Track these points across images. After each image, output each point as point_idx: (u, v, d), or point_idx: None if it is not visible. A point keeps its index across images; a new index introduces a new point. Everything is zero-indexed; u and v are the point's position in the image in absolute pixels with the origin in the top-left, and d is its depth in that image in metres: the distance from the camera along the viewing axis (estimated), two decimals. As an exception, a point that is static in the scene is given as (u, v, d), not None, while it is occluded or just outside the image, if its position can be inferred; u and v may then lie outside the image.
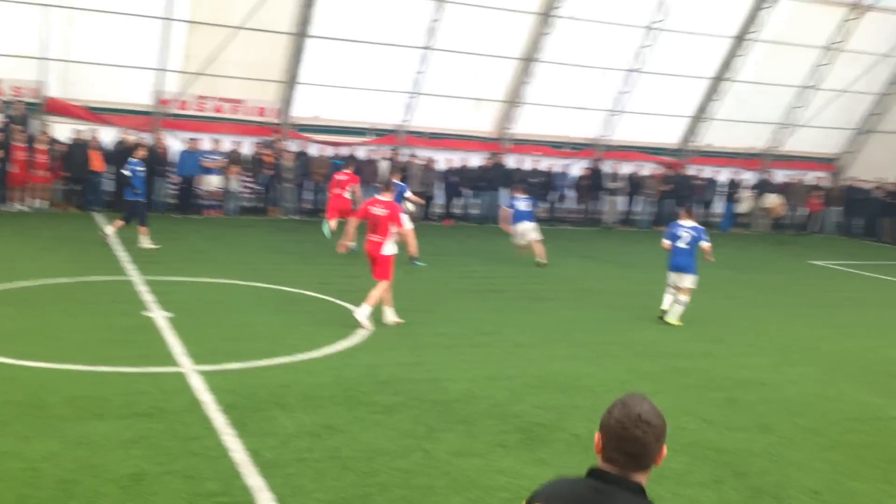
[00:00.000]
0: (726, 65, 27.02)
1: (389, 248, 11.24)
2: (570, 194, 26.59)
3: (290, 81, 23.49)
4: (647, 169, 27.12)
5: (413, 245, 12.78)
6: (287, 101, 23.81)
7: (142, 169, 16.25)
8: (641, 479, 2.80)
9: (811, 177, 29.31)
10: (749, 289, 16.46)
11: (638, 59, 25.99)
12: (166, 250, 16.16)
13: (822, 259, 21.92)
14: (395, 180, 18.97)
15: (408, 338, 10.68)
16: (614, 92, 26.58)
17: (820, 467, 7.18)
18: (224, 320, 10.97)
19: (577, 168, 26.87)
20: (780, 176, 28.83)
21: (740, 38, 26.48)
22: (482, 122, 26.36)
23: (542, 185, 25.74)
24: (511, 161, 26.25)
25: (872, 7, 26.61)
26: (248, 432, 7.09)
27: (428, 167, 24.32)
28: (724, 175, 28.02)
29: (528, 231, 17.66)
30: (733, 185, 27.55)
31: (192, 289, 12.96)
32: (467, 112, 25.83)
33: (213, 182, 22.33)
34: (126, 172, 16.27)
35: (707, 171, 27.78)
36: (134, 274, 13.53)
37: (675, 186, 26.62)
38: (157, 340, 9.77)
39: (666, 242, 13.02)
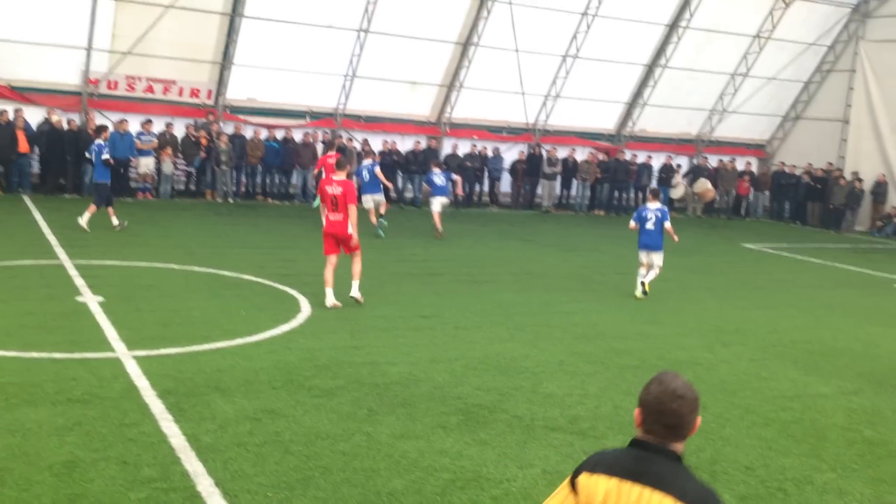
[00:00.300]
0: (660, 51, 27.44)
1: (351, 226, 11.52)
2: (507, 178, 26.74)
3: (224, 62, 23.05)
4: (582, 154, 27.41)
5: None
6: (221, 82, 23.37)
7: (101, 148, 16.16)
8: (679, 447, 3.08)
9: (742, 162, 30.03)
10: (683, 272, 16.79)
11: (574, 45, 26.21)
12: (98, 234, 15.74)
13: (753, 242, 22.51)
14: (369, 161, 19.35)
15: (347, 321, 10.62)
16: (551, 77, 26.77)
17: (752, 444, 7.37)
18: (159, 305, 10.74)
19: (513, 153, 27.01)
20: (712, 161, 29.46)
21: (673, 26, 26.91)
22: (420, 106, 26.29)
23: (477, 170, 25.85)
24: (448, 145, 26.27)
25: (801, -4, 27.31)
26: (185, 417, 6.97)
27: (363, 150, 24.15)
28: (658, 160, 28.50)
29: (437, 203, 19.08)
30: (667, 170, 28.04)
31: (126, 273, 12.65)
32: (404, 95, 25.74)
33: (145, 165, 21.80)
34: (89, 155, 16.61)
35: (642, 157, 28.21)
36: (64, 258, 13.15)
37: (611, 171, 26.98)
38: (91, 326, 9.53)
39: (632, 224, 13.98)
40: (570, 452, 6.83)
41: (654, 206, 13.87)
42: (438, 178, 19.27)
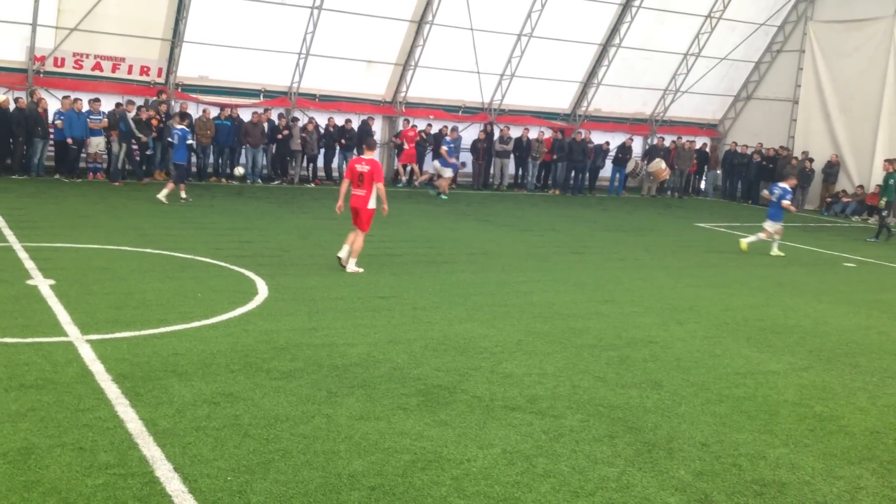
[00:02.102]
0: (614, 31, 27.58)
1: (373, 202, 12.46)
2: (464, 158, 26.75)
3: (175, 40, 22.61)
4: (536, 133, 27.49)
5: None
6: (172, 60, 22.94)
7: (184, 133, 17.90)
8: None
9: (695, 141, 30.40)
10: (639, 250, 17.00)
11: (529, 24, 26.21)
12: (47, 215, 15.42)
13: (707, 221, 22.84)
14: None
15: (305, 303, 10.55)
16: (506, 56, 26.77)
17: (707, 420, 7.51)
18: (112, 288, 10.56)
19: (472, 132, 27.00)
20: (666, 141, 29.78)
21: (626, 5, 27.05)
22: (375, 85, 26.12)
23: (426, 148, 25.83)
24: (400, 124, 26.19)
25: (751, -23, 27.63)
26: (142, 402, 6.87)
27: (308, 128, 23.96)
28: (614, 140, 28.72)
29: (448, 172, 22.93)
30: (623, 150, 28.27)
31: (77, 255, 12.40)
32: (360, 74, 25.54)
33: (96, 144, 21.34)
34: (171, 139, 18.47)
35: (599, 137, 28.40)
36: (13, 240, 12.85)
37: (567, 150, 27.11)
38: (42, 309, 9.33)
39: (765, 193, 18.01)
40: (530, 432, 6.89)
41: (781, 185, 17.52)
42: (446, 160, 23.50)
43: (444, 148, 24.45)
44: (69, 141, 20.65)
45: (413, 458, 6.23)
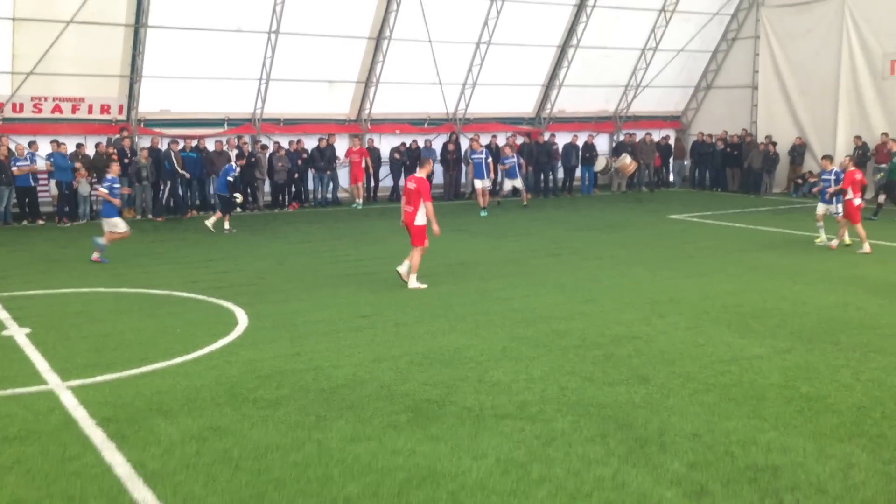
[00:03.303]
0: (571, 32, 27.77)
1: (421, 218, 12.89)
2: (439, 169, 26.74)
3: (133, 76, 22.47)
4: (504, 139, 27.58)
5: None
6: (132, 96, 22.79)
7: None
8: None
9: (660, 134, 30.65)
10: (614, 247, 17.08)
11: (486, 32, 26.33)
12: (18, 263, 15.25)
13: (678, 213, 23.01)
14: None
15: (286, 329, 10.49)
16: (467, 65, 26.86)
17: (696, 411, 7.54)
18: (90, 331, 10.44)
19: (441, 143, 27.04)
20: (628, 136, 30.01)
21: (581, 6, 27.25)
22: (339, 105, 26.11)
23: (403, 163, 25.81)
24: (375, 141, 26.19)
25: (701, -31, 27.96)
26: (129, 444, 6.79)
27: (276, 152, 23.89)
28: (581, 139, 28.86)
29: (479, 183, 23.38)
30: (589, 149, 28.43)
31: (52, 301, 12.26)
32: (322, 95, 25.52)
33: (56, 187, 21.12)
34: (230, 178, 19.38)
35: (566, 137, 28.55)
36: (-17, 292, 12.68)
37: (533, 154, 27.22)
38: (19, 359, 9.20)
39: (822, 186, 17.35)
40: (522, 438, 6.89)
41: (829, 169, 17.17)
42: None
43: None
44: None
45: (407, 475, 6.20)
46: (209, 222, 19.42)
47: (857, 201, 16.51)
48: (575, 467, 6.33)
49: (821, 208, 17.23)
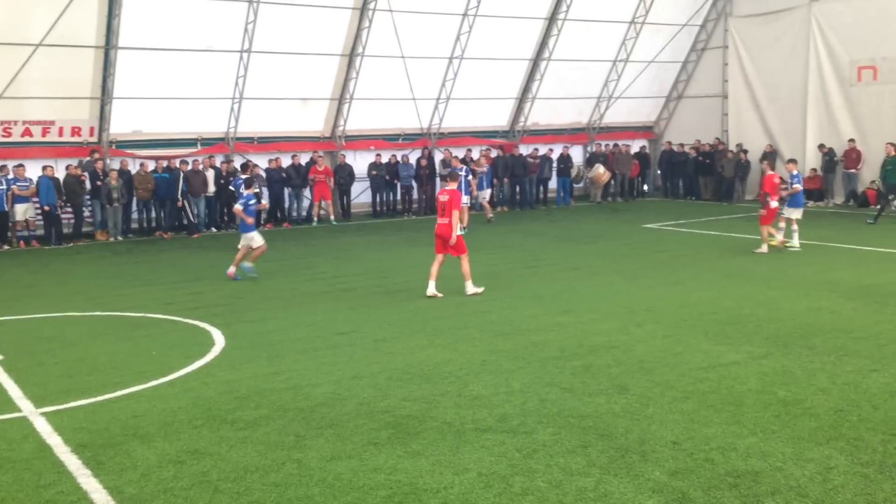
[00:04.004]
0: (543, 45, 27.96)
1: (458, 228, 13.45)
2: (415, 184, 26.75)
3: (104, 97, 22.32)
4: (478, 152, 27.64)
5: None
6: (103, 117, 22.62)
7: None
8: None
9: (630, 145, 30.87)
10: (590, 258, 17.14)
11: (459, 47, 26.44)
12: (-12, 289, 15.05)
13: (653, 222, 23.15)
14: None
15: (263, 348, 10.41)
16: (440, 80, 26.94)
17: (676, 419, 7.56)
18: (63, 356, 10.30)
19: (415, 158, 27.07)
20: (606, 147, 30.21)
21: (552, 19, 27.47)
22: (312, 122, 26.08)
23: (382, 178, 25.80)
24: (349, 157, 26.16)
25: (669, -20, 28.29)
26: (105, 470, 6.69)
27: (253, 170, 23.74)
28: (556, 152, 29.01)
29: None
30: (563, 160, 28.58)
31: (24, 327, 12.09)
32: (296, 113, 25.47)
33: (22, 212, 20.83)
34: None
35: (541, 150, 28.68)
36: (-46, 319, 12.49)
37: (509, 167, 27.31)
38: (-9, 387, 9.05)
39: (796, 186, 17.51)
40: (503, 452, 6.86)
41: (794, 172, 17.52)
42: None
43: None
44: (46, 208, 20.74)
45: (389, 493, 6.15)
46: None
47: (774, 204, 17.20)
48: (557, 479, 6.32)
49: (788, 212, 17.65)
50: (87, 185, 21.67)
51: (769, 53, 27.96)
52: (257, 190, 15.74)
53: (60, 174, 21.36)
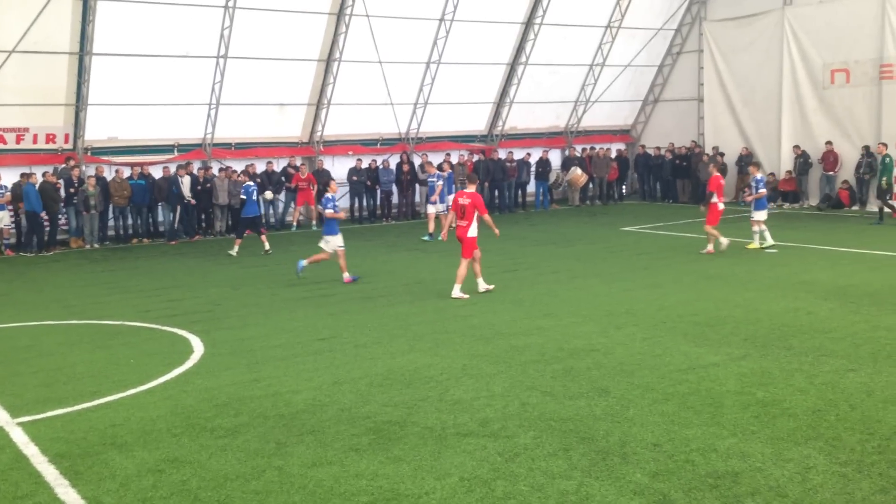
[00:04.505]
0: (519, 49, 28.06)
1: (473, 231, 13.61)
2: (395, 189, 26.70)
3: (79, 104, 22.13)
4: (457, 157, 27.70)
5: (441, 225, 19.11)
6: (78, 124, 22.43)
7: (254, 188, 19.43)
8: None
9: (610, 149, 31.03)
10: (570, 261, 17.20)
11: (436, 51, 26.47)
12: (-38, 299, 14.86)
13: (631, 225, 23.27)
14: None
15: (243, 355, 10.35)
16: (418, 85, 26.95)
17: (656, 420, 7.60)
18: (40, 365, 10.18)
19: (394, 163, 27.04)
20: (583, 151, 30.34)
21: (528, 24, 27.57)
22: (290, 128, 26.00)
23: (362, 183, 25.76)
24: (328, 162, 26.10)
25: (644, -15, 28.49)
26: (83, 480, 6.62)
27: (230, 177, 23.61)
28: (534, 156, 29.10)
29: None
30: (542, 164, 28.67)
31: (-2, 336, 11.95)
32: (273, 118, 25.39)
33: (8, 219, 20.67)
34: (243, 196, 19.49)
35: (518, 153, 28.76)
36: (-73, 329, 12.32)
37: (489, 171, 27.35)
38: (-34, 398, 8.93)
39: (761, 191, 17.97)
40: (485, 456, 6.86)
41: (758, 176, 18.07)
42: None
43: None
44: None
45: (371, 499, 6.13)
46: (265, 248, 19.41)
47: (721, 206, 17.64)
48: (539, 482, 6.32)
49: (755, 215, 18.15)
50: (62, 192, 21.47)
51: (744, 57, 28.23)
52: (334, 202, 15.50)
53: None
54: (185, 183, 22.96)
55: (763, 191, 18.22)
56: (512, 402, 8.24)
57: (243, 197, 19.84)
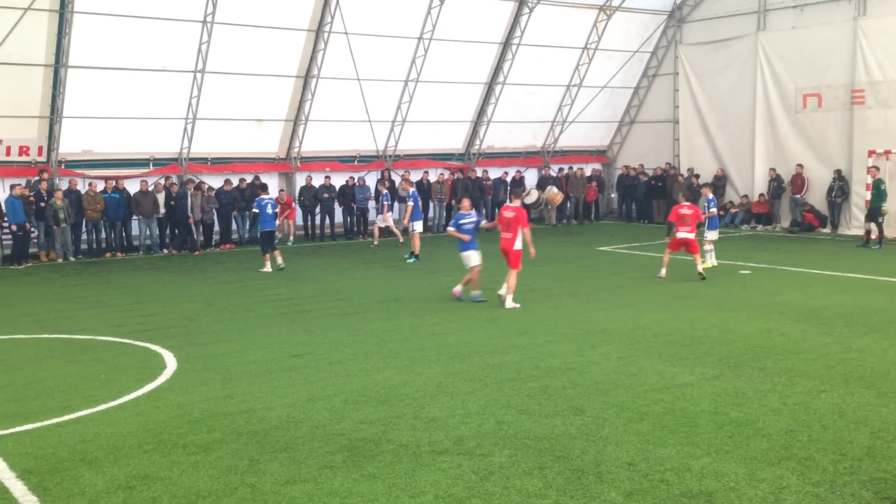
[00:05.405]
0: (497, 69, 28.23)
1: (518, 244, 14.00)
2: (371, 206, 26.64)
3: (54, 116, 21.94)
4: (436, 175, 27.75)
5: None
6: (52, 137, 22.23)
7: (266, 201, 19.17)
8: None
9: (584, 168, 31.23)
10: (546, 280, 17.24)
11: (414, 69, 26.56)
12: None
13: (607, 245, 23.39)
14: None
15: (217, 371, 10.26)
16: (396, 103, 27.01)
17: (631, 440, 7.61)
18: (8, 380, 10.02)
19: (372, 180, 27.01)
20: (559, 171, 30.51)
21: (506, 44, 27.76)
22: (267, 143, 25.93)
23: (334, 200, 25.71)
24: (302, 179, 26.03)
25: (619, 8, 28.80)
26: (51, 496, 6.51)
27: (206, 193, 23.47)
28: (510, 175, 29.20)
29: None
30: (516, 184, 28.72)
31: (-34, 350, 11.75)
32: (250, 134, 25.32)
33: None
34: (255, 209, 19.51)
35: (495, 172, 28.84)
36: None
37: (467, 189, 27.40)
38: (-69, 412, 8.77)
39: (713, 210, 18.27)
40: (460, 474, 6.83)
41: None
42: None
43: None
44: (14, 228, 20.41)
45: (344, 517, 6.08)
46: (281, 261, 19.09)
47: (681, 235, 17.34)
48: (514, 501, 6.30)
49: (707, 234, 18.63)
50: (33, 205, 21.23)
51: (718, 80, 28.60)
52: (461, 219, 15.00)
53: (4, 194, 20.91)
54: (161, 198, 22.81)
55: (714, 210, 18.67)
56: (487, 420, 8.22)
57: (256, 210, 19.51)
